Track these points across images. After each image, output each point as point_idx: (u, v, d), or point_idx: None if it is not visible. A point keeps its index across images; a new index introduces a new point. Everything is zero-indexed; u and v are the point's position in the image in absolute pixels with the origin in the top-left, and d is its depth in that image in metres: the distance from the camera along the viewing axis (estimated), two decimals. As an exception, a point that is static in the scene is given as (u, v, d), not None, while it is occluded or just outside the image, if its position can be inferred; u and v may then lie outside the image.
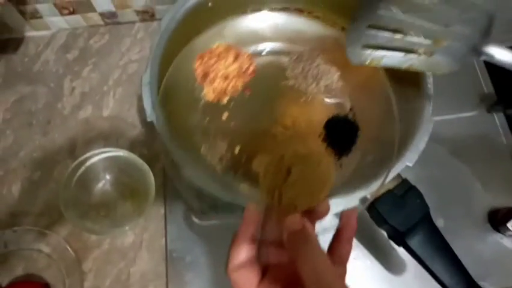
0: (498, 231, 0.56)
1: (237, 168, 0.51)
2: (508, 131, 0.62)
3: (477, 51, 0.39)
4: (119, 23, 0.71)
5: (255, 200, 0.33)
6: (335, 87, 0.55)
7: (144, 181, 0.55)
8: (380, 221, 0.42)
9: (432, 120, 0.44)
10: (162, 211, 0.58)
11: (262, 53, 0.58)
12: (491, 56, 0.38)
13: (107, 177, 0.58)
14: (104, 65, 0.68)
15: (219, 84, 0.54)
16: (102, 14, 0.69)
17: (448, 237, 0.52)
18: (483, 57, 0.39)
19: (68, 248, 0.55)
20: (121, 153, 0.55)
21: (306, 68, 0.55)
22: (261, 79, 0.56)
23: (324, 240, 0.30)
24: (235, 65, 0.55)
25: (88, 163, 0.55)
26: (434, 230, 0.43)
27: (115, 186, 0.58)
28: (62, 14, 0.68)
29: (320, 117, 0.53)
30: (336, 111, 0.54)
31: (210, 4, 0.52)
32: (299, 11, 0.58)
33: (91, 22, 0.70)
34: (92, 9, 0.67)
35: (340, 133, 0.52)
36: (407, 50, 0.42)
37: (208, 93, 0.54)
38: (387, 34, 0.41)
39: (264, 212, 0.33)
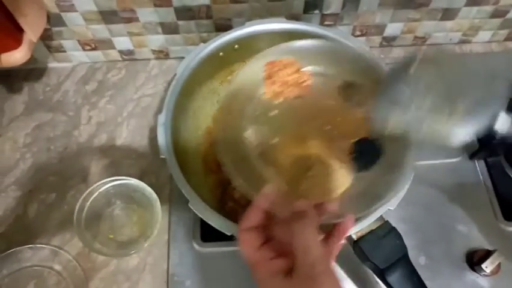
0: (474, 271, 0.60)
1: (268, 155, 0.54)
2: (487, 178, 0.67)
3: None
4: (135, 60, 0.77)
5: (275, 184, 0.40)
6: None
7: (151, 209, 0.60)
8: (363, 257, 0.47)
9: (413, 170, 0.50)
10: (166, 237, 0.63)
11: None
12: None
13: (118, 203, 0.63)
14: (119, 98, 0.74)
15: (278, 87, 0.59)
16: (121, 51, 0.75)
17: (428, 275, 0.57)
18: None
19: (78, 267, 0.60)
20: (132, 181, 0.60)
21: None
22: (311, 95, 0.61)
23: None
24: (295, 76, 0.60)
25: (101, 189, 0.60)
26: (411, 269, 0.47)
27: (124, 212, 0.63)
28: (84, 50, 0.74)
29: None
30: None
31: (220, 54, 0.58)
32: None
33: (109, 57, 0.76)
34: (112, 46, 0.74)
35: (366, 153, 0.55)
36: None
37: (268, 92, 0.58)
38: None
39: (279, 194, 0.40)
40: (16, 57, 0.60)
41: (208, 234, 0.61)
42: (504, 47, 0.80)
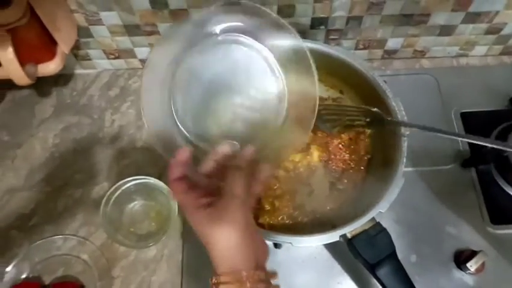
0: (461, 269, 0.65)
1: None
2: (477, 184, 0.72)
3: None
4: (154, 68, 0.84)
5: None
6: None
7: (168, 205, 0.66)
8: (355, 253, 0.53)
9: (403, 178, 0.56)
10: (181, 231, 0.69)
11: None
12: None
13: (138, 199, 0.70)
14: (140, 103, 0.80)
15: None
16: (141, 60, 0.82)
17: (418, 272, 0.63)
18: None
19: (102, 256, 0.67)
20: (151, 180, 0.67)
21: None
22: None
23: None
24: None
25: (124, 187, 0.67)
26: (398, 265, 0.53)
27: (143, 208, 0.70)
28: (108, 58, 0.81)
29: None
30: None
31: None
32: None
33: (131, 65, 0.83)
34: (134, 56, 0.80)
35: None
36: None
37: None
38: None
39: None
40: (50, 67, 0.67)
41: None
42: (499, 61, 0.85)
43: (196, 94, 0.51)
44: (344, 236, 0.53)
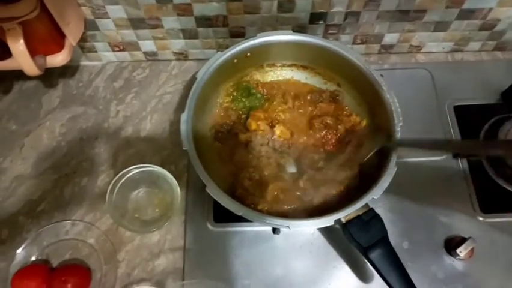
0: (451, 255, 0.68)
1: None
2: (468, 174, 0.75)
3: None
4: (158, 60, 0.86)
5: None
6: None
7: (171, 193, 0.69)
8: (350, 238, 0.56)
9: (396, 166, 0.58)
10: (183, 218, 0.72)
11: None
12: None
13: (142, 187, 0.73)
14: (144, 94, 0.83)
15: None
16: (145, 53, 0.84)
17: (410, 257, 0.66)
18: None
19: (108, 240, 0.70)
20: (155, 168, 0.69)
21: None
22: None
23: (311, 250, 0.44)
24: None
25: (129, 175, 0.69)
26: (390, 249, 0.56)
27: (147, 195, 0.73)
28: (113, 51, 0.83)
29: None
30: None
31: (235, 61, 0.67)
32: (304, 67, 0.73)
33: (135, 58, 0.86)
34: (138, 48, 0.83)
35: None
36: None
37: None
38: None
39: None
40: (59, 59, 0.69)
41: (220, 215, 0.71)
42: (493, 56, 0.88)
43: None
44: (338, 220, 0.56)
